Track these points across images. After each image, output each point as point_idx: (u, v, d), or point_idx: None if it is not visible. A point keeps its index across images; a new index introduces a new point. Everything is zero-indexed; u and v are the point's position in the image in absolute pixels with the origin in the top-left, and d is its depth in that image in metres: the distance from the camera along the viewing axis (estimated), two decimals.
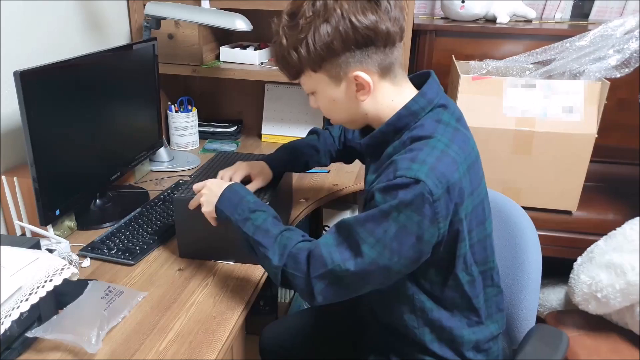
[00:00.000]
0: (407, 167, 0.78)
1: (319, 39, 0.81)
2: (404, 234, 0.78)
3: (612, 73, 1.40)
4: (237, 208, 0.96)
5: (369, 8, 0.81)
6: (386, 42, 0.83)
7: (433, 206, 0.77)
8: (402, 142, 0.86)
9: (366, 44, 0.82)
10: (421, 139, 0.83)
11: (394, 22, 0.83)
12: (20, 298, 0.79)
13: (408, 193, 0.77)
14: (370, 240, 0.80)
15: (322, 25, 0.81)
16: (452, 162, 0.80)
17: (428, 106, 0.87)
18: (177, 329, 0.92)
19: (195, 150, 1.86)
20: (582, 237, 1.47)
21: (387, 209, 0.78)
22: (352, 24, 0.80)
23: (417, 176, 0.76)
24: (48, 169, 1.10)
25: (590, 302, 1.33)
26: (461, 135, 0.86)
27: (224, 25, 1.44)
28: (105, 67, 1.30)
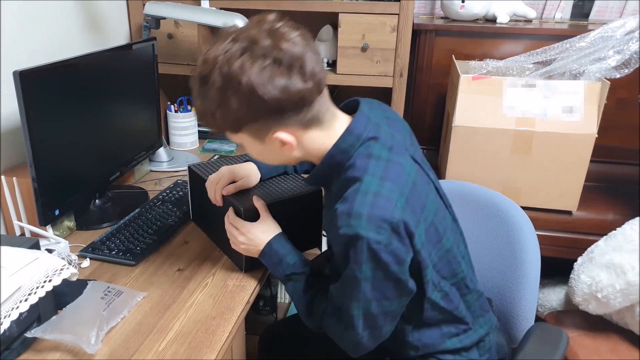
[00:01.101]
0: (347, 224, 0.78)
1: (230, 112, 0.79)
2: (379, 284, 0.81)
3: (612, 74, 1.40)
4: (278, 268, 1.01)
5: (278, 73, 0.76)
6: (301, 103, 0.80)
7: (388, 250, 0.78)
8: (341, 182, 0.86)
9: (279, 111, 0.80)
10: (354, 182, 0.82)
11: (310, 78, 0.79)
12: (20, 298, 0.79)
13: (357, 251, 0.78)
14: (354, 304, 0.84)
15: (231, 99, 0.78)
16: (387, 201, 0.79)
17: (357, 142, 0.86)
18: (177, 329, 0.92)
19: (195, 150, 1.86)
20: (582, 237, 1.47)
21: (351, 274, 0.81)
22: (259, 97, 0.76)
23: (357, 232, 0.77)
24: (47, 169, 1.10)
25: (590, 302, 1.33)
26: (394, 165, 0.84)
27: (223, 25, 1.44)
28: (105, 67, 1.30)
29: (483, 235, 1.19)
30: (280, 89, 0.77)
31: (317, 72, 0.80)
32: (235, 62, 0.76)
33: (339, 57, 1.63)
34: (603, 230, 1.39)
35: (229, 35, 0.79)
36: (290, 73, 0.77)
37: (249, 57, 0.76)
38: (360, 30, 1.58)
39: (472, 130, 1.46)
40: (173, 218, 1.30)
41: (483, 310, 1.00)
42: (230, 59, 0.76)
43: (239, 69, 0.76)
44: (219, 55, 0.77)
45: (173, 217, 1.30)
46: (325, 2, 1.58)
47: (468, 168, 1.50)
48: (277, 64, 0.76)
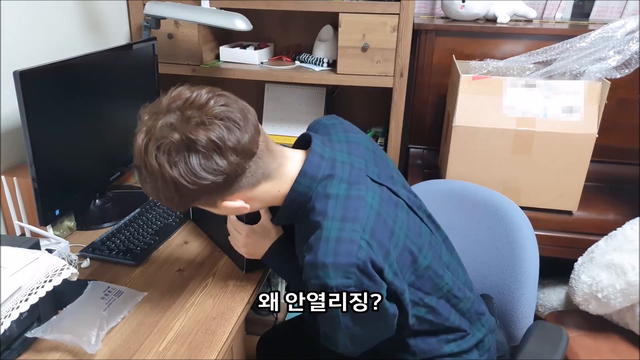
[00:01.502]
0: (315, 275, 0.77)
1: (168, 199, 0.79)
2: (358, 317, 0.80)
3: (613, 74, 1.40)
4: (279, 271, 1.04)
5: (196, 163, 0.74)
6: (233, 176, 0.78)
7: (360, 289, 0.77)
8: (306, 224, 0.84)
9: (213, 190, 0.78)
10: (315, 228, 0.81)
11: (233, 153, 0.76)
12: (20, 298, 0.79)
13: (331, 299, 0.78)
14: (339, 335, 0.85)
15: (163, 190, 0.77)
16: (350, 245, 0.77)
17: (313, 183, 0.84)
18: (177, 329, 0.92)
19: None
20: (583, 237, 1.47)
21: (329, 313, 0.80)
22: (186, 188, 0.75)
23: (325, 282, 0.76)
24: (48, 169, 1.10)
25: (590, 302, 1.33)
26: (353, 202, 0.82)
27: (223, 25, 1.44)
28: (105, 67, 1.30)
29: (482, 235, 1.19)
30: (202, 176, 0.75)
31: (240, 143, 0.76)
32: (152, 160, 0.75)
33: (339, 57, 1.62)
34: (603, 230, 1.39)
35: (143, 123, 0.80)
36: (209, 158, 0.75)
37: (164, 154, 0.74)
38: (360, 30, 1.58)
39: (472, 130, 1.46)
40: (173, 218, 1.30)
41: (479, 314, 1.00)
42: (150, 156, 0.76)
43: (157, 167, 0.75)
44: (141, 148, 0.77)
45: (173, 217, 1.30)
46: (325, 2, 1.58)
47: (468, 168, 1.50)
48: (191, 154, 0.74)
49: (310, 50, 1.83)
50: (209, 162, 0.75)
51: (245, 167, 0.79)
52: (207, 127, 0.75)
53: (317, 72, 1.70)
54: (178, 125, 0.75)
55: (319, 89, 1.89)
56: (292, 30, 1.91)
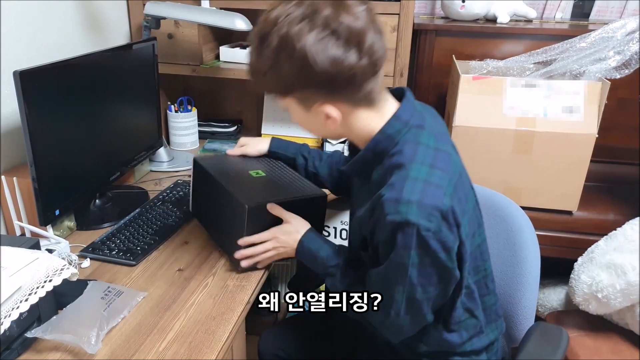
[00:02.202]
0: (395, 211, 0.77)
1: (281, 75, 0.79)
2: (425, 270, 0.79)
3: (612, 74, 1.40)
4: (314, 265, 1.01)
5: (334, 45, 0.75)
6: (352, 80, 0.78)
7: (438, 238, 0.77)
8: (385, 169, 0.85)
9: (329, 84, 0.78)
10: (401, 168, 0.81)
11: (366, 55, 0.77)
12: (20, 298, 0.79)
13: (406, 238, 0.77)
14: (399, 289, 0.82)
15: (284, 63, 0.77)
16: (437, 189, 0.78)
17: (404, 128, 0.85)
18: (177, 329, 0.92)
19: (195, 150, 1.86)
20: (583, 237, 1.47)
21: (398, 259, 0.79)
22: (310, 66, 0.75)
23: (407, 219, 0.75)
24: (48, 169, 1.10)
25: (590, 303, 1.33)
26: (442, 154, 0.84)
27: (223, 25, 1.44)
28: (105, 67, 1.30)
29: None
30: (332, 61, 0.75)
31: (375, 51, 0.78)
32: (294, 27, 0.75)
33: None
34: (603, 231, 1.39)
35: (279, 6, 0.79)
36: (347, 47, 0.75)
37: (308, 24, 0.75)
38: None
39: (472, 130, 1.46)
40: (173, 218, 1.30)
41: (497, 315, 1.00)
42: (290, 23, 0.75)
43: (296, 34, 0.75)
44: (280, 17, 0.77)
45: (173, 217, 1.30)
46: None
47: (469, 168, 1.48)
48: (334, 36, 0.75)
49: None
50: (345, 52, 0.75)
51: (366, 78, 0.79)
52: (357, 19, 0.76)
53: None
54: (334, 5, 0.76)
55: None
56: None
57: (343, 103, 0.82)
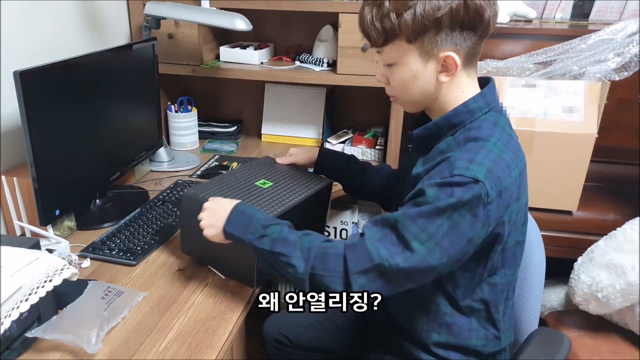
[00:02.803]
0: (465, 167, 0.78)
1: (428, 10, 0.78)
2: (455, 234, 0.78)
3: (612, 76, 1.40)
4: (249, 227, 0.90)
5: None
6: (484, 31, 0.82)
7: (486, 208, 0.78)
8: (457, 141, 0.85)
9: (469, 26, 0.80)
10: (477, 141, 0.82)
11: (494, 15, 0.82)
12: (20, 298, 0.79)
13: (466, 192, 0.76)
14: (422, 237, 0.78)
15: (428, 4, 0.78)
16: (506, 166, 0.80)
17: (485, 108, 0.87)
18: (177, 329, 0.92)
19: (195, 150, 1.86)
20: (583, 237, 1.47)
21: (442, 206, 0.77)
22: (465, 2, 0.78)
23: (476, 176, 0.76)
24: (48, 169, 1.10)
25: (590, 302, 1.33)
26: (514, 142, 0.87)
27: (224, 25, 1.44)
28: (105, 67, 1.30)
29: None
30: (481, 5, 0.79)
31: (496, 15, 0.83)
32: None
33: (339, 57, 1.62)
34: (603, 230, 1.39)
35: None
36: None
37: None
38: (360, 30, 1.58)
39: None
40: (173, 218, 1.30)
41: (510, 325, 1.00)
42: None
43: None
44: None
45: (173, 217, 1.30)
46: (325, 2, 1.58)
47: None
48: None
49: (310, 51, 1.83)
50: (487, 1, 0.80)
51: (486, 36, 0.84)
52: None
53: (317, 72, 1.70)
54: None
55: (319, 89, 1.89)
56: (292, 30, 1.92)
57: (462, 55, 0.83)
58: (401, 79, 0.87)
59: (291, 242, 0.86)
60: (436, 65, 0.84)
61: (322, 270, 0.83)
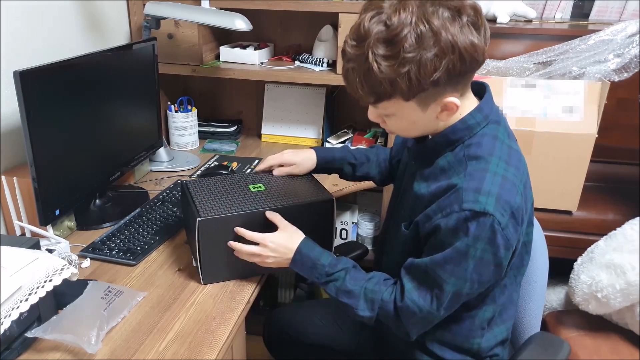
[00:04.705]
0: (474, 200, 0.78)
1: (423, 74, 0.75)
2: (482, 266, 0.80)
3: (612, 77, 1.40)
4: (313, 272, 0.96)
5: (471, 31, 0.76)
6: (477, 65, 0.80)
7: (504, 234, 0.78)
8: (458, 158, 0.85)
9: (467, 71, 0.80)
10: (479, 160, 0.82)
11: (486, 45, 0.80)
12: (20, 298, 0.79)
13: (480, 228, 0.77)
14: (452, 280, 0.82)
15: (428, 58, 0.74)
16: (512, 186, 0.81)
17: (483, 122, 0.86)
18: (177, 329, 0.92)
19: (195, 150, 1.86)
20: (582, 237, 1.47)
21: (463, 248, 0.79)
22: (460, 55, 0.75)
23: (486, 209, 0.77)
24: (48, 169, 1.10)
25: (590, 302, 1.33)
26: (515, 153, 0.86)
27: (223, 25, 1.44)
28: (105, 67, 1.30)
29: None
30: (475, 46, 0.76)
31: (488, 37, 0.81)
32: (436, 20, 0.74)
33: (339, 57, 1.62)
34: (603, 230, 1.39)
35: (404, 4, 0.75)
36: (479, 32, 0.77)
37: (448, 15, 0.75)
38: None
39: None
40: (173, 218, 1.30)
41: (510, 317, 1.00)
42: (430, 18, 0.74)
43: (440, 26, 0.74)
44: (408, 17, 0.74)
45: (173, 217, 1.30)
46: (325, 2, 1.58)
47: None
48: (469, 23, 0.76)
49: (310, 51, 1.83)
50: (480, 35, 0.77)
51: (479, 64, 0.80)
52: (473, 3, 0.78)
53: (317, 72, 1.70)
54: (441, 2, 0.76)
55: (319, 89, 1.89)
56: (292, 30, 1.92)
57: (458, 92, 0.82)
58: (400, 126, 0.88)
59: (355, 294, 0.92)
60: (436, 109, 0.83)
61: (384, 318, 0.91)
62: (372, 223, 1.93)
